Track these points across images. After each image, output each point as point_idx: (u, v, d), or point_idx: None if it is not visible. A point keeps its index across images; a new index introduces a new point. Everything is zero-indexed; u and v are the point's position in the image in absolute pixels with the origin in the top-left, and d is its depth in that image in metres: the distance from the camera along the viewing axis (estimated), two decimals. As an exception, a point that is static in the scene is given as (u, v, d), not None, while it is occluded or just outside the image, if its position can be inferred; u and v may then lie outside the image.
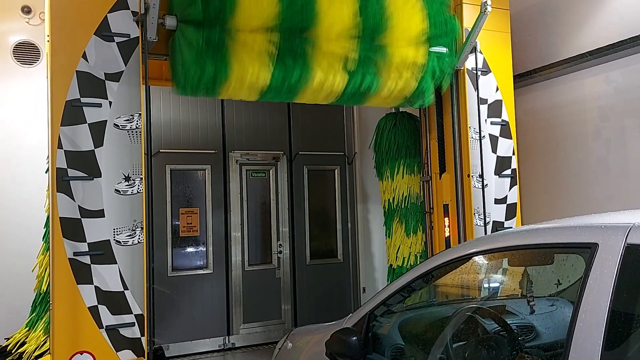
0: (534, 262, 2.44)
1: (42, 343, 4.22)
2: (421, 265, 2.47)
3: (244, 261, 6.80)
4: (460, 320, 2.48)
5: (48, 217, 4.40)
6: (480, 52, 4.91)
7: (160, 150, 6.35)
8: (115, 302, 3.63)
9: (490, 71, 4.99)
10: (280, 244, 7.01)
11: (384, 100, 4.76)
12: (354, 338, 2.37)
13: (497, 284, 2.97)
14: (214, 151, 6.72)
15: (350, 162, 7.42)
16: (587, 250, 1.71)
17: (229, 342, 6.62)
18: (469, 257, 2.32)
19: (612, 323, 1.55)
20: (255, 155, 6.96)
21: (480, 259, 2.43)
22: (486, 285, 2.95)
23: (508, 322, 2.42)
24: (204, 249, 6.61)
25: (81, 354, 3.51)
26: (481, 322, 2.38)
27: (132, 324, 3.65)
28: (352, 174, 7.42)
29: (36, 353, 4.17)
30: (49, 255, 3.73)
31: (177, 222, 6.49)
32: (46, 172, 4.50)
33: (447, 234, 5.05)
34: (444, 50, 4.64)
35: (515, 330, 2.40)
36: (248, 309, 6.77)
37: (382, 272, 7.12)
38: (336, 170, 7.40)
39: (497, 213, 4.89)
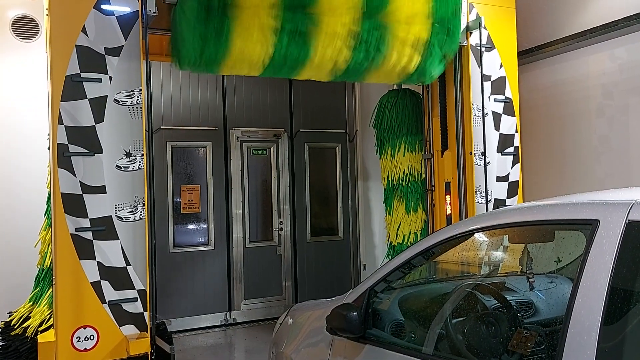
0: (534, 239, 2.45)
1: (47, 318, 4.24)
2: (421, 241, 2.46)
3: (245, 238, 6.82)
4: (460, 296, 2.48)
5: (50, 193, 4.43)
6: (485, 28, 4.82)
7: (161, 127, 6.32)
8: (118, 277, 3.64)
9: (495, 47, 4.91)
10: (281, 221, 7.03)
11: (389, 74, 4.66)
12: (354, 313, 2.37)
13: (497, 261, 2.99)
14: (214, 128, 6.69)
15: (352, 140, 7.39)
16: (589, 227, 1.70)
17: (230, 317, 6.69)
18: (469, 233, 2.30)
19: (612, 299, 1.55)
20: (256, 132, 6.93)
21: (480, 236, 2.42)
22: (486, 261, 2.97)
23: (507, 298, 2.42)
24: (205, 225, 6.63)
25: (84, 329, 3.55)
26: (481, 298, 2.38)
27: (135, 299, 3.67)
28: (353, 152, 7.39)
29: (41, 328, 4.18)
30: (52, 231, 3.74)
31: (178, 199, 6.49)
32: (49, 149, 4.52)
33: (448, 212, 5.03)
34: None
35: (515, 307, 2.40)
36: (249, 285, 6.82)
37: (382, 249, 7.13)
38: (337, 148, 7.38)
39: (499, 191, 4.86)
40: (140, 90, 3.75)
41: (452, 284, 2.77)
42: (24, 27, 5.80)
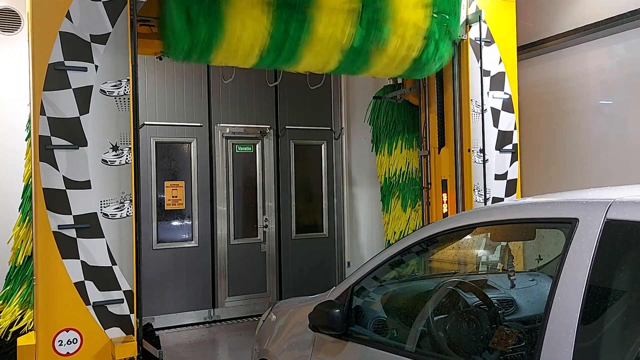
0: (516, 237, 2.49)
1: (18, 318, 4.04)
2: (403, 239, 2.43)
3: (229, 235, 6.77)
4: (442, 294, 2.48)
5: (26, 187, 4.21)
6: (484, 22, 4.66)
7: (145, 123, 6.25)
8: (103, 277, 3.44)
9: (494, 42, 4.75)
10: (266, 218, 7.01)
11: (390, 62, 4.44)
12: (337, 310, 2.36)
13: (478, 259, 3.03)
14: (200, 124, 6.64)
15: (337, 138, 7.38)
16: (568, 225, 1.70)
17: (214, 314, 6.64)
18: (450, 232, 2.28)
19: (590, 297, 1.55)
20: (242, 129, 6.88)
21: (462, 234, 2.40)
22: (468, 259, 2.99)
23: (489, 295, 2.42)
24: (189, 222, 6.57)
25: (67, 332, 3.36)
26: (462, 295, 2.38)
27: (121, 301, 3.48)
28: (339, 149, 7.38)
29: (12, 329, 3.99)
30: (32, 229, 3.55)
31: (162, 195, 6.43)
32: (26, 140, 4.26)
33: (444, 210, 4.90)
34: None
35: (496, 304, 2.40)
36: (233, 282, 6.77)
37: (367, 247, 7.13)
38: (323, 145, 7.35)
39: (497, 189, 4.73)
40: (128, 80, 3.54)
41: (434, 281, 2.75)
42: (6, 19, 5.61)
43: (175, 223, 6.55)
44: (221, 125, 6.75)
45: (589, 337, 1.56)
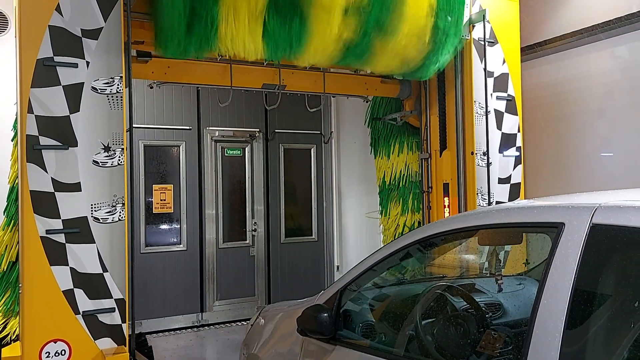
0: (503, 241, 2.49)
1: (0, 327, 3.91)
2: (392, 243, 2.42)
3: (218, 239, 6.66)
4: (430, 297, 2.47)
5: (11, 189, 4.03)
6: (488, 22, 4.55)
7: (134, 125, 6.21)
8: (93, 285, 3.29)
9: (497, 42, 4.64)
10: (255, 222, 6.96)
11: (394, 59, 4.31)
12: (325, 314, 2.36)
13: (466, 263, 3.07)
14: (188, 127, 6.57)
15: (327, 142, 7.37)
16: (554, 230, 1.71)
17: (202, 318, 6.52)
18: (438, 236, 2.29)
19: (575, 301, 1.56)
20: (231, 132, 6.80)
21: (450, 238, 2.39)
22: (456, 263, 3.01)
23: (476, 299, 2.42)
24: (178, 225, 6.45)
25: (55, 343, 3.21)
26: (450, 299, 2.38)
27: (112, 310, 3.33)
28: (329, 153, 7.34)
29: None
30: (19, 233, 3.36)
31: (150, 199, 6.33)
32: (12, 140, 4.07)
33: (446, 214, 4.79)
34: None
35: (483, 308, 2.41)
36: (222, 286, 6.66)
37: (356, 251, 7.10)
38: (312, 149, 7.29)
39: (501, 193, 4.62)
40: (121, 77, 3.38)
41: (422, 285, 2.74)
42: (-9, 22, 5.60)
43: (163, 227, 6.47)
44: (210, 128, 6.69)
45: (575, 341, 1.56)
